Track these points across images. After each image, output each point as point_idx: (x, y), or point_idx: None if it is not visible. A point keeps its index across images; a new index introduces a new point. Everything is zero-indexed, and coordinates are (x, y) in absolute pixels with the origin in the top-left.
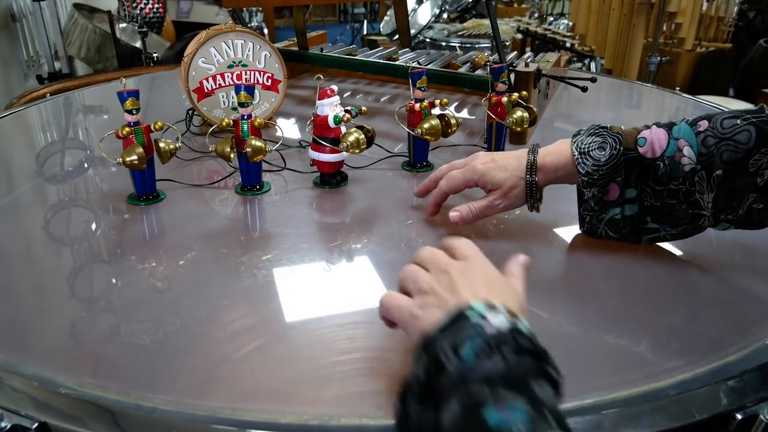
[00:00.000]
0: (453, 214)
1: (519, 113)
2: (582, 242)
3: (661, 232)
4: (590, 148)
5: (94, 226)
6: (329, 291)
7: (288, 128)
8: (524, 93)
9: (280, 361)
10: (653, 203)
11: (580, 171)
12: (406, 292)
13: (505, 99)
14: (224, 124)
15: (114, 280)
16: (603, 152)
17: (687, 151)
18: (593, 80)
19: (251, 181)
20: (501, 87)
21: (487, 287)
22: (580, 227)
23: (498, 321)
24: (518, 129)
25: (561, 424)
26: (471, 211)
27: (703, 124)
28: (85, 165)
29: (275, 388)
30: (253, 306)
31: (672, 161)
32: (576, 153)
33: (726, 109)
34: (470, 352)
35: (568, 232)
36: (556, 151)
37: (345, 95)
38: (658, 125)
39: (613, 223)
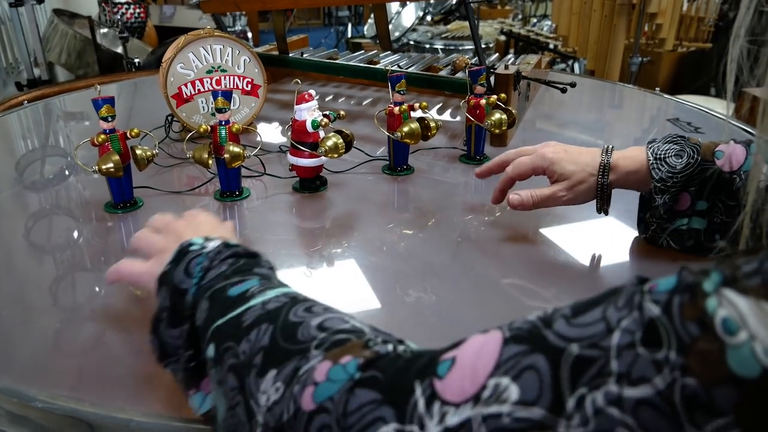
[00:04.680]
0: (513, 197)
1: (497, 115)
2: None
3: (728, 251)
4: (667, 155)
5: (70, 235)
6: (310, 296)
7: (269, 133)
8: (503, 95)
9: None
10: (724, 220)
11: (654, 176)
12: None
13: (483, 101)
14: (202, 130)
15: (91, 291)
16: (680, 160)
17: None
18: (572, 85)
19: (230, 187)
20: (479, 89)
21: (206, 229)
22: (641, 233)
23: (213, 244)
24: (497, 131)
25: (283, 285)
26: (532, 197)
27: None
28: (66, 172)
29: None
30: None
31: (749, 176)
32: (651, 158)
33: (706, 109)
34: (198, 269)
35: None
36: (631, 155)
37: (327, 99)
38: (736, 141)
39: (678, 234)
